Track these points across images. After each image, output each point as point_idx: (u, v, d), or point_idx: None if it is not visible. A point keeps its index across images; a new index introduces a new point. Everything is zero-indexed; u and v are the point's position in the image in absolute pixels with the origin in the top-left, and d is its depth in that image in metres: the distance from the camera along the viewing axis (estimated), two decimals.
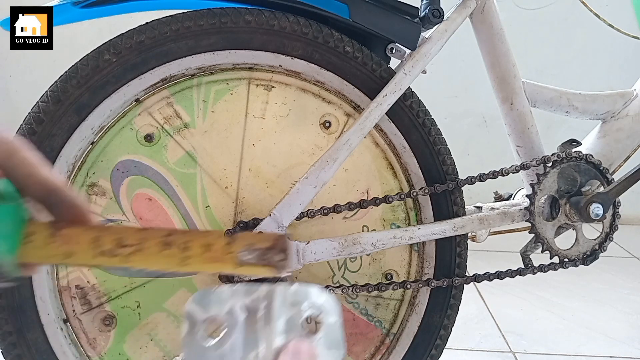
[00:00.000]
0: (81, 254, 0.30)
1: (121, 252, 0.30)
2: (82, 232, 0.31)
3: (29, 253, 0.30)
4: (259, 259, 0.32)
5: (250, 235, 0.32)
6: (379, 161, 0.85)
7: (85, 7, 0.73)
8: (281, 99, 0.82)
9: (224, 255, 0.31)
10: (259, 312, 0.32)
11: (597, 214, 0.84)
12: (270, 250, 0.32)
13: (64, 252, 0.30)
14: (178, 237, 0.31)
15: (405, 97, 0.81)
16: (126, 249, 0.30)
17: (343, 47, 0.78)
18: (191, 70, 0.78)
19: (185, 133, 0.80)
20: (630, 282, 1.75)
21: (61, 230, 0.30)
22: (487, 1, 0.83)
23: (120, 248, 0.30)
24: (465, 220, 0.83)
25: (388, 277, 0.87)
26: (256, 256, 0.32)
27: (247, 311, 0.32)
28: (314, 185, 0.77)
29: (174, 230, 0.31)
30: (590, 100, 0.91)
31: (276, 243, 0.32)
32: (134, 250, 0.30)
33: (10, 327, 0.76)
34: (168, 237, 0.31)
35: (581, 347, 1.37)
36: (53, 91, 0.74)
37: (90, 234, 0.31)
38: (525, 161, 0.86)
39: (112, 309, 0.82)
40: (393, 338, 0.89)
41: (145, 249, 0.31)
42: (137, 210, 0.80)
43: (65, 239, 0.30)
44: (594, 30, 2.14)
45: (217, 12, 0.75)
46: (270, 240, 0.32)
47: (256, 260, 0.32)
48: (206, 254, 0.31)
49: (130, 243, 0.31)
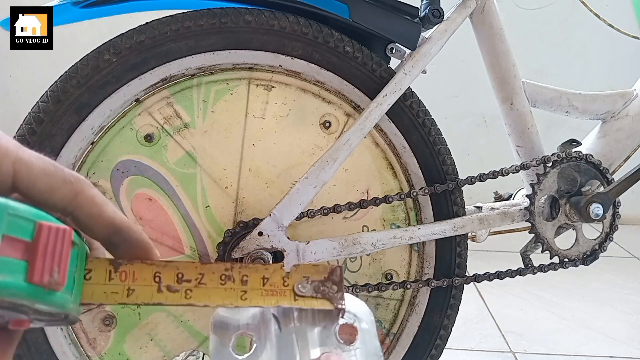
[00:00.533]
0: (142, 290, 0.30)
1: (182, 287, 0.30)
2: (142, 267, 0.30)
3: (89, 291, 0.29)
4: (314, 291, 0.32)
5: (305, 268, 0.32)
6: (379, 161, 0.85)
7: (85, 7, 0.73)
8: (281, 99, 0.82)
9: (281, 288, 0.32)
10: (291, 323, 0.31)
11: (597, 214, 0.84)
12: (325, 282, 0.32)
13: (125, 289, 0.30)
14: (237, 271, 0.31)
15: (405, 97, 0.81)
16: (187, 284, 0.30)
17: (343, 47, 0.78)
18: (191, 70, 0.78)
19: (185, 133, 0.80)
20: (630, 282, 1.75)
21: (121, 267, 0.30)
22: (487, 1, 0.83)
23: (180, 283, 0.30)
24: (465, 220, 0.83)
25: (388, 277, 0.87)
26: (312, 288, 0.32)
27: (278, 322, 0.31)
28: (314, 185, 0.77)
29: (233, 264, 0.31)
30: (590, 100, 0.91)
31: (330, 275, 0.32)
32: (195, 284, 0.30)
33: None
34: (227, 270, 0.31)
35: (581, 347, 1.37)
36: (53, 91, 0.74)
37: (150, 270, 0.30)
38: (525, 161, 0.86)
39: (112, 308, 0.81)
40: (393, 338, 0.89)
41: (206, 283, 0.31)
42: (137, 210, 0.80)
43: (126, 275, 0.30)
44: (594, 30, 2.14)
45: (217, 12, 0.75)
46: (325, 273, 0.32)
47: (312, 293, 0.32)
48: (264, 287, 0.31)
49: (190, 278, 0.30)
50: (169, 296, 0.30)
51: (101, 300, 0.29)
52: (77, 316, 0.29)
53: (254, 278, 0.31)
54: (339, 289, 0.32)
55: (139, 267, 0.30)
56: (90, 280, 0.29)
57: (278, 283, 0.32)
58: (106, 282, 0.29)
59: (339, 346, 0.31)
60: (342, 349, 0.31)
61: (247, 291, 0.31)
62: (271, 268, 0.32)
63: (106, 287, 0.29)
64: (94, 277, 0.29)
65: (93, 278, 0.29)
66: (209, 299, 0.30)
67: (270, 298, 0.31)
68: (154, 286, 0.30)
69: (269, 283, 0.31)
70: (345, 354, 0.31)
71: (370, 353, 0.32)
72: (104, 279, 0.29)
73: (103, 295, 0.29)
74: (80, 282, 0.28)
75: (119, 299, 0.29)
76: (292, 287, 0.32)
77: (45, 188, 0.28)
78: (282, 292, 0.31)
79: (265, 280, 0.31)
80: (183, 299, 0.30)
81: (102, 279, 0.29)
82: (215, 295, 0.30)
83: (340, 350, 0.31)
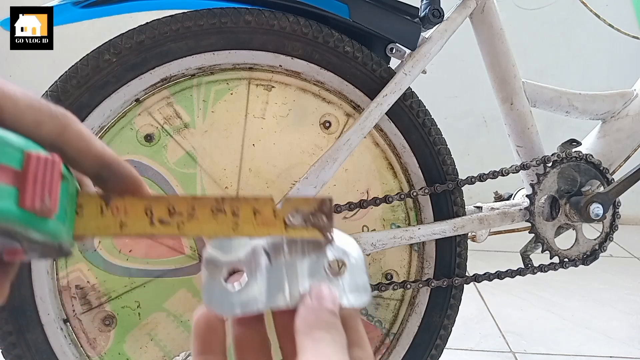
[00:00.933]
0: (134, 224, 0.30)
1: (174, 220, 0.31)
2: (133, 202, 0.30)
3: (82, 226, 0.29)
4: (305, 221, 0.32)
5: (296, 200, 0.33)
6: (379, 161, 0.85)
7: (85, 7, 0.73)
8: (281, 99, 0.82)
9: (272, 220, 0.32)
10: (281, 256, 0.32)
11: (597, 214, 0.84)
12: (315, 213, 0.33)
13: (117, 223, 0.30)
14: (228, 204, 0.32)
15: (405, 97, 0.81)
16: (178, 217, 0.31)
17: (343, 47, 0.78)
18: (191, 70, 0.78)
19: (185, 133, 0.80)
20: (630, 282, 1.75)
21: (112, 202, 0.30)
22: (487, 1, 0.83)
23: (172, 216, 0.31)
24: (465, 220, 0.83)
25: (388, 277, 0.87)
26: (302, 219, 0.32)
27: (268, 255, 0.32)
28: (314, 185, 0.77)
29: (224, 198, 0.32)
30: (590, 100, 0.91)
31: (321, 207, 0.33)
32: (187, 217, 0.31)
33: (10, 327, 0.76)
34: (218, 203, 0.31)
35: (581, 347, 1.37)
36: (53, 91, 0.74)
37: (141, 204, 0.30)
38: (525, 161, 0.86)
39: (112, 309, 0.82)
40: (393, 338, 0.89)
41: (197, 216, 0.31)
42: None
43: (117, 210, 0.30)
44: (594, 30, 2.14)
45: (217, 12, 0.75)
46: (315, 205, 0.33)
47: (302, 223, 0.32)
48: (255, 219, 0.32)
49: (182, 211, 0.31)
50: (161, 229, 0.30)
51: (94, 233, 0.30)
52: (70, 249, 0.29)
53: (245, 210, 0.32)
54: (329, 220, 0.33)
55: (130, 201, 0.30)
56: (82, 216, 0.30)
57: (269, 215, 0.32)
58: (98, 216, 0.30)
59: (328, 278, 0.32)
60: (331, 281, 0.32)
61: (239, 223, 0.31)
62: (262, 200, 0.32)
63: (98, 221, 0.30)
64: (86, 212, 0.30)
65: (85, 213, 0.30)
66: (201, 230, 0.31)
67: (261, 228, 0.32)
68: (146, 219, 0.30)
69: (260, 215, 0.32)
70: (334, 285, 0.32)
71: (358, 286, 0.32)
72: (96, 214, 0.30)
73: (96, 229, 0.30)
74: (71, 215, 0.29)
75: (111, 232, 0.30)
76: (282, 218, 0.32)
77: (31, 123, 0.27)
78: (273, 223, 0.32)
79: (257, 212, 0.32)
80: (175, 231, 0.30)
81: (94, 214, 0.30)
82: (207, 227, 0.31)
83: (329, 282, 0.32)
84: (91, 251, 0.80)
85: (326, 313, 0.29)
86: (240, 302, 0.31)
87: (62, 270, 0.80)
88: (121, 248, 0.80)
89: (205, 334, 0.31)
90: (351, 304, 0.32)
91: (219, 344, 0.31)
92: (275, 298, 0.31)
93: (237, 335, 0.32)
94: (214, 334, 0.31)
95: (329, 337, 0.28)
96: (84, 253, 0.80)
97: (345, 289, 0.32)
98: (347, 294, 0.32)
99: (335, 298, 0.30)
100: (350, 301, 0.32)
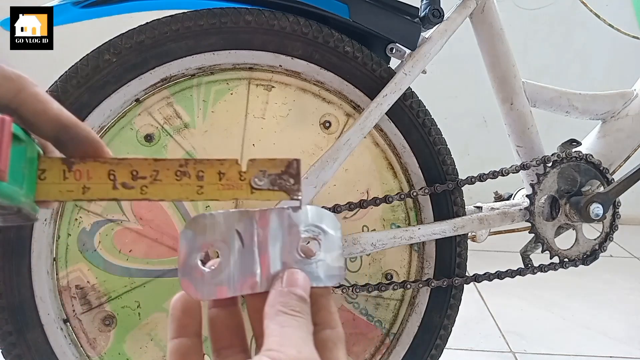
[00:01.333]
0: (97, 188, 0.30)
1: (137, 184, 0.30)
2: (96, 166, 0.30)
3: (45, 191, 0.29)
4: (271, 184, 0.32)
5: (262, 162, 0.32)
6: (379, 161, 0.85)
7: (85, 7, 0.73)
8: (281, 99, 0.82)
9: (238, 182, 0.32)
10: (254, 237, 0.31)
11: (597, 214, 0.84)
12: (282, 175, 0.32)
13: (80, 187, 0.30)
14: (192, 167, 0.31)
15: (405, 97, 0.81)
16: (142, 181, 0.31)
17: (343, 47, 0.78)
18: (191, 70, 0.78)
19: (185, 133, 0.80)
20: (630, 282, 1.75)
21: (75, 166, 0.30)
22: (487, 1, 0.83)
23: (135, 180, 0.30)
24: (465, 220, 0.83)
25: (388, 277, 0.87)
26: (269, 182, 0.32)
27: (242, 236, 0.31)
28: (314, 185, 0.77)
29: (187, 160, 0.31)
30: (590, 100, 0.91)
31: (287, 168, 0.32)
32: (150, 181, 0.31)
33: (10, 327, 0.76)
34: (182, 167, 0.31)
35: (581, 347, 1.37)
36: (53, 91, 0.74)
37: (104, 168, 0.30)
38: (525, 161, 0.86)
39: (112, 309, 0.82)
40: (393, 338, 0.89)
41: (161, 179, 0.31)
42: (137, 211, 0.80)
43: (80, 174, 0.30)
44: (594, 30, 2.14)
45: (217, 12, 0.75)
46: (282, 166, 0.32)
47: (269, 186, 0.32)
48: (220, 182, 0.31)
49: (145, 175, 0.31)
50: (124, 192, 0.30)
51: (57, 197, 0.30)
52: (33, 213, 0.29)
53: (210, 173, 0.31)
54: (296, 182, 0.32)
55: (92, 165, 0.30)
56: (45, 180, 0.30)
57: (234, 177, 0.32)
58: (61, 181, 0.30)
59: (301, 260, 0.32)
60: (304, 263, 0.32)
61: (204, 186, 0.31)
62: (227, 163, 0.32)
63: (61, 186, 0.30)
64: (48, 177, 0.30)
65: (48, 177, 0.30)
66: (165, 194, 0.31)
67: (226, 192, 0.31)
68: (109, 184, 0.30)
69: (225, 178, 0.31)
70: (307, 267, 0.31)
71: (331, 265, 0.32)
72: (58, 178, 0.30)
73: (59, 194, 0.30)
74: (32, 179, 0.29)
75: (74, 196, 0.30)
76: (248, 181, 0.32)
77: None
78: (239, 185, 0.31)
79: (222, 175, 0.31)
80: (139, 195, 0.30)
81: (57, 178, 0.30)
82: (171, 191, 0.31)
83: (302, 265, 0.32)
84: (91, 251, 0.80)
85: (295, 299, 0.29)
86: (214, 285, 0.30)
87: (62, 270, 0.80)
88: (121, 248, 0.80)
89: (182, 316, 0.31)
90: (324, 283, 0.32)
91: (194, 326, 0.32)
92: (248, 281, 0.31)
93: (212, 317, 0.33)
94: (190, 316, 0.31)
95: (296, 322, 0.28)
96: (84, 253, 0.80)
97: (319, 269, 0.32)
98: (320, 274, 0.32)
99: (306, 284, 0.31)
100: (323, 281, 0.32)
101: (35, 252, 0.76)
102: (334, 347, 0.30)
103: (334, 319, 0.31)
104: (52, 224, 0.78)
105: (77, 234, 0.79)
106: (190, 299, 0.31)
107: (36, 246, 0.76)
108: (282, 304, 0.29)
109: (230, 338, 0.32)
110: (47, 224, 0.77)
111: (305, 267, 0.31)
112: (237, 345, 0.32)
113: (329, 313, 0.31)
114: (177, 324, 0.31)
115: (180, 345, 0.31)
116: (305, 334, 0.28)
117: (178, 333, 0.31)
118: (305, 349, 0.27)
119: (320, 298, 0.31)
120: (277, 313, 0.29)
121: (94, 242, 0.80)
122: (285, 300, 0.29)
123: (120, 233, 0.80)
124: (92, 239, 0.80)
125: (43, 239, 0.76)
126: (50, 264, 0.79)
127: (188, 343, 0.31)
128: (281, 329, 0.28)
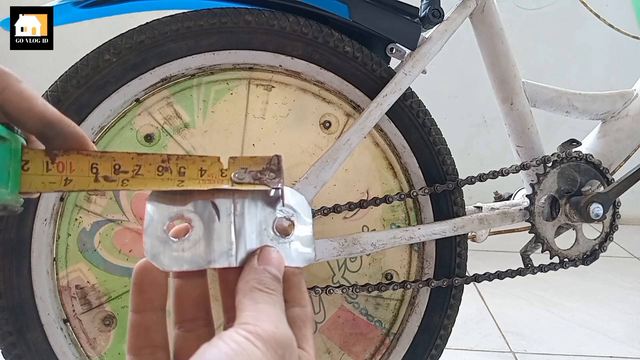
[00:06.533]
0: (79, 180, 0.30)
1: (119, 177, 0.31)
2: (79, 159, 0.31)
3: (27, 182, 0.30)
4: (252, 179, 0.32)
5: (243, 159, 0.33)
6: (379, 161, 0.85)
7: (85, 7, 0.73)
8: (281, 99, 0.82)
9: (219, 179, 0.32)
10: (230, 214, 0.32)
11: (597, 214, 0.84)
12: (263, 172, 0.33)
13: (62, 179, 0.30)
14: (174, 163, 0.31)
15: (405, 97, 0.81)
16: (124, 175, 0.31)
17: (343, 47, 0.78)
18: (191, 70, 0.78)
19: (185, 133, 0.80)
20: (630, 282, 1.75)
21: (58, 158, 0.30)
22: (487, 1, 0.83)
23: (117, 174, 0.31)
24: (465, 220, 0.83)
25: (388, 277, 0.87)
26: (250, 177, 0.32)
27: (218, 209, 0.32)
28: (314, 185, 0.77)
29: (170, 156, 0.32)
30: (590, 100, 0.91)
31: (269, 165, 0.33)
32: (132, 175, 0.31)
33: (10, 327, 0.76)
34: (164, 162, 0.31)
35: (581, 347, 1.37)
36: (53, 91, 0.74)
37: (87, 161, 0.31)
38: (525, 161, 0.86)
39: (112, 309, 0.82)
40: (393, 338, 0.89)
41: (143, 174, 0.31)
42: (137, 211, 0.80)
43: (63, 166, 0.30)
44: (594, 30, 2.14)
45: (217, 12, 0.75)
46: (264, 163, 0.33)
47: (250, 181, 0.32)
48: (202, 177, 0.32)
49: (127, 169, 0.31)
50: (105, 184, 0.31)
51: (39, 189, 0.30)
52: (17, 206, 0.29)
53: (192, 169, 0.32)
54: (277, 176, 0.33)
55: (75, 158, 0.31)
56: (28, 171, 0.30)
57: (216, 174, 0.32)
58: (44, 173, 0.30)
59: (275, 238, 0.32)
60: (278, 241, 0.32)
61: (184, 181, 0.31)
62: (209, 160, 0.32)
63: (44, 177, 0.30)
64: (31, 168, 0.30)
65: (31, 169, 0.30)
66: (145, 187, 0.31)
67: (207, 186, 0.32)
68: (91, 177, 0.31)
69: (207, 174, 0.32)
70: (281, 246, 0.32)
71: (304, 246, 0.33)
72: (41, 170, 0.30)
73: (41, 185, 0.30)
74: (16, 174, 0.29)
75: (56, 188, 0.30)
76: (229, 177, 0.32)
77: None
78: (220, 182, 0.32)
79: (203, 172, 0.32)
80: (119, 187, 0.31)
81: (39, 170, 0.30)
82: (151, 185, 0.31)
83: (276, 242, 0.32)
84: (91, 251, 0.80)
85: (269, 277, 0.30)
86: (185, 258, 0.30)
87: (62, 270, 0.80)
88: (121, 248, 0.80)
89: (147, 288, 0.31)
90: (296, 263, 0.32)
91: (159, 298, 0.31)
92: (222, 256, 0.31)
93: (178, 288, 0.32)
94: (155, 288, 0.31)
95: (270, 300, 0.29)
96: (84, 253, 0.80)
97: (292, 248, 0.32)
98: (293, 253, 0.32)
99: (281, 262, 0.31)
100: (295, 261, 0.32)
101: (35, 252, 0.76)
102: (302, 325, 0.30)
103: (304, 297, 0.32)
104: (52, 224, 0.78)
105: (77, 234, 0.79)
106: (155, 270, 0.31)
107: (36, 246, 0.76)
108: (256, 281, 0.29)
109: (195, 311, 0.32)
110: (47, 224, 0.77)
111: (279, 246, 0.32)
112: (201, 318, 0.32)
113: (299, 292, 0.32)
114: (140, 297, 0.31)
115: (144, 319, 0.31)
116: (280, 312, 0.29)
117: (142, 306, 0.31)
118: (280, 325, 0.27)
119: (292, 276, 0.32)
120: (251, 289, 0.29)
121: (94, 242, 0.80)
122: (259, 278, 0.29)
123: (120, 233, 0.80)
124: (92, 239, 0.80)
125: (43, 239, 0.76)
126: (50, 264, 0.79)
127: (152, 317, 0.31)
128: (256, 305, 0.28)
